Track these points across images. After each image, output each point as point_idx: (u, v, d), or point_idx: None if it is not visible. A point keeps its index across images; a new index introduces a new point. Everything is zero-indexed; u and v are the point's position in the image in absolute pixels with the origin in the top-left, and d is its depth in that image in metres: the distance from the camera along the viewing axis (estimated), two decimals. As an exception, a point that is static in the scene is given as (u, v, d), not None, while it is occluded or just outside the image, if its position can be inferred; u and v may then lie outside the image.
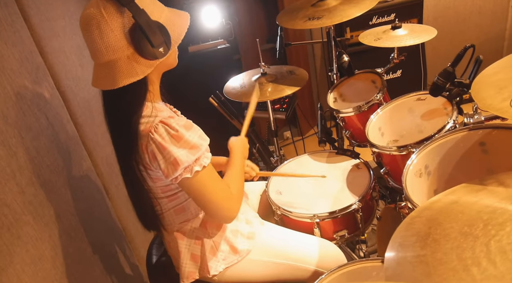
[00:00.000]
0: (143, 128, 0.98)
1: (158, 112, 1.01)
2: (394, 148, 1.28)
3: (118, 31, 0.91)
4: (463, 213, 0.71)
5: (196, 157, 0.98)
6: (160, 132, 0.96)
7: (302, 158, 1.70)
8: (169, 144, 0.96)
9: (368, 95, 1.58)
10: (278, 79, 1.75)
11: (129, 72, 0.94)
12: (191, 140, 0.98)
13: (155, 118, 0.98)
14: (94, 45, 0.92)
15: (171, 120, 0.98)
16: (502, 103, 0.81)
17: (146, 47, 0.92)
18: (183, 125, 0.99)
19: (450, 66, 1.22)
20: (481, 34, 3.29)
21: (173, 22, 0.99)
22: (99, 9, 0.90)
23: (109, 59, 0.93)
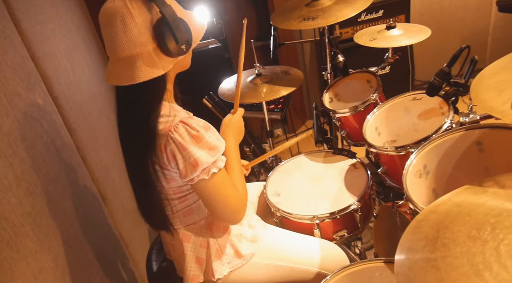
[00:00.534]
0: (162, 127, 0.98)
1: (176, 112, 1.01)
2: (392, 149, 1.29)
3: (143, 25, 0.91)
4: (470, 216, 0.72)
5: (214, 159, 0.99)
6: (181, 132, 0.96)
7: (299, 158, 1.70)
8: (190, 144, 0.96)
9: (364, 95, 1.59)
10: (273, 80, 1.75)
11: (150, 67, 0.93)
12: (211, 141, 0.99)
13: (174, 118, 0.98)
14: (116, 39, 0.91)
15: (191, 120, 0.98)
16: (503, 106, 0.82)
17: (170, 42, 0.92)
18: (203, 126, 0.99)
19: (446, 66, 1.24)
20: (465, 29, 3.36)
21: (192, 22, 0.99)
22: (125, 2, 0.90)
23: (130, 54, 0.92)
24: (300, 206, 1.41)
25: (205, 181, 0.99)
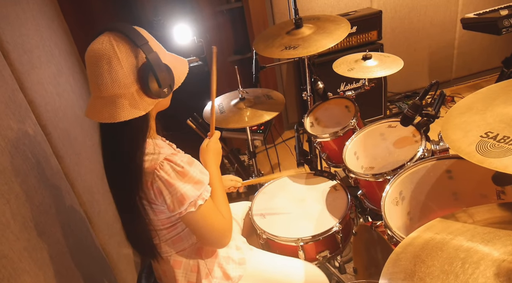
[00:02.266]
0: (148, 166, 1.02)
1: (160, 149, 1.06)
2: (371, 175, 1.39)
3: (129, 68, 0.96)
4: (442, 250, 0.82)
5: (200, 192, 1.04)
6: (166, 169, 1.01)
7: (282, 179, 1.78)
8: (175, 180, 1.01)
9: (343, 120, 1.69)
10: (256, 104, 1.81)
11: (132, 107, 0.98)
12: (195, 175, 1.04)
13: (159, 155, 1.03)
14: (101, 79, 0.95)
15: (175, 157, 1.03)
16: (469, 148, 0.93)
17: (153, 85, 0.98)
18: (187, 162, 1.04)
19: (418, 99, 1.35)
20: (433, 43, 3.55)
21: (174, 66, 1.04)
22: (112, 45, 0.95)
23: (114, 94, 0.96)
24: (285, 228, 1.48)
25: (192, 213, 1.04)
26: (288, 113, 3.59)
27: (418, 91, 3.74)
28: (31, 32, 1.55)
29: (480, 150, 0.90)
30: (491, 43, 3.67)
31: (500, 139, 0.90)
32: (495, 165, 0.84)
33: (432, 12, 3.43)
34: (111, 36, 0.96)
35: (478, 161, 0.88)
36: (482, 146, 0.91)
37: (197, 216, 1.06)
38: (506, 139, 0.89)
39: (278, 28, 1.87)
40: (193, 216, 1.05)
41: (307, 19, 1.81)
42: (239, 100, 1.83)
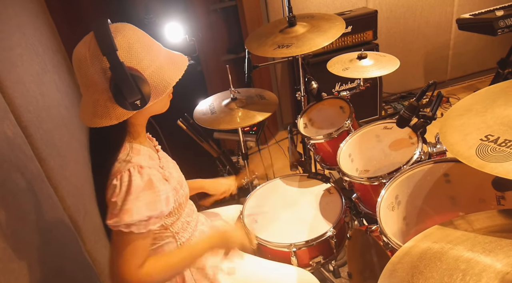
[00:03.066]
0: (115, 170, 0.98)
1: (135, 156, 1.01)
2: (366, 179, 1.34)
3: (99, 74, 0.93)
4: (441, 261, 0.77)
5: (143, 218, 0.96)
6: (124, 180, 0.96)
7: (274, 182, 1.73)
8: (124, 195, 0.95)
9: (337, 121, 1.64)
10: (248, 104, 1.76)
11: (104, 115, 0.95)
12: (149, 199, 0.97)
13: (127, 164, 0.98)
14: (80, 80, 0.96)
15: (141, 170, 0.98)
16: (469, 151, 0.88)
17: (120, 99, 0.93)
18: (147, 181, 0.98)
19: (415, 100, 1.30)
20: (428, 43, 3.52)
21: (163, 71, 0.98)
22: (86, 48, 0.93)
23: (92, 97, 0.95)
24: (277, 233, 1.43)
25: (121, 232, 0.96)
26: (282, 113, 3.54)
27: (413, 92, 3.71)
28: (11, 29, 1.48)
29: (480, 154, 0.86)
30: (486, 44, 3.65)
31: (501, 143, 0.85)
32: (496, 171, 0.80)
33: (427, 12, 3.40)
34: (92, 37, 0.93)
35: (478, 166, 0.83)
36: (482, 150, 0.86)
37: (121, 239, 0.96)
38: (507, 143, 0.84)
39: (271, 26, 1.81)
40: (118, 236, 0.96)
41: (301, 17, 1.76)
42: (230, 100, 1.78)
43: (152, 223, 0.99)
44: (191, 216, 1.23)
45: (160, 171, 1.04)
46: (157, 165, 1.07)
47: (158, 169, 1.04)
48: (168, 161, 1.19)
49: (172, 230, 1.13)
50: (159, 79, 0.97)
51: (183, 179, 1.20)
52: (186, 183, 1.22)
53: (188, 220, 1.20)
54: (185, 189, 1.17)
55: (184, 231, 1.17)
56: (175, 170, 1.19)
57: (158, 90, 0.97)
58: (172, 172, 1.14)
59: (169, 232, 1.12)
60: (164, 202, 1.01)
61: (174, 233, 1.13)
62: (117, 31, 0.94)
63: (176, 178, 1.14)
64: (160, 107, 1.07)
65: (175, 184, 1.11)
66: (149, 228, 0.98)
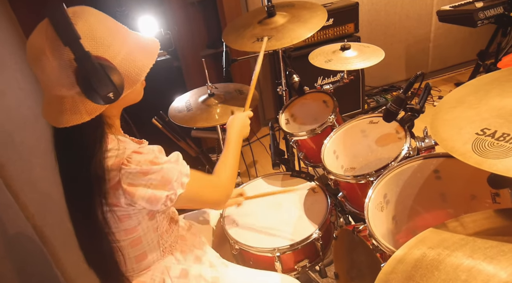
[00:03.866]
0: (112, 162, 0.87)
1: (125, 144, 0.92)
2: (351, 177, 1.26)
3: (63, 68, 0.80)
4: (439, 270, 0.70)
5: (179, 168, 0.95)
6: (137, 160, 0.87)
7: (256, 182, 1.64)
8: (150, 166, 0.89)
9: (321, 116, 1.56)
10: (227, 100, 1.66)
11: (73, 112, 0.84)
12: (170, 158, 0.95)
13: (125, 150, 0.89)
14: (39, 76, 0.83)
15: (143, 149, 0.91)
16: (464, 147, 0.81)
17: (91, 93, 0.82)
18: (158, 150, 0.93)
19: (402, 93, 1.23)
20: (409, 36, 3.51)
21: (133, 58, 0.87)
22: (43, 39, 0.80)
23: (55, 94, 0.84)
24: (260, 237, 1.35)
25: (182, 195, 0.95)
26: (264, 109, 3.46)
27: (395, 85, 3.69)
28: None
29: (477, 149, 0.79)
30: (466, 36, 3.66)
31: (499, 137, 0.78)
32: (496, 168, 0.73)
33: (408, 4, 3.38)
34: (48, 25, 0.80)
35: (476, 163, 0.76)
36: (479, 145, 0.79)
37: (188, 194, 0.97)
38: (506, 137, 0.77)
39: (249, 16, 1.72)
40: (185, 196, 0.96)
41: (281, 6, 1.67)
42: (208, 96, 1.68)
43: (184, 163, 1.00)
44: (175, 223, 1.14)
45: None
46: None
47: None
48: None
49: (159, 231, 1.03)
50: (131, 66, 0.87)
51: None
52: None
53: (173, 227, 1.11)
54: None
55: (169, 234, 1.08)
56: None
57: (131, 79, 0.87)
58: None
59: (156, 234, 1.03)
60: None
61: (159, 237, 1.04)
62: (77, 16, 0.82)
63: None
64: (134, 96, 0.97)
65: None
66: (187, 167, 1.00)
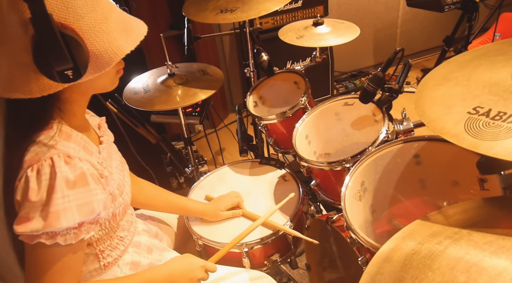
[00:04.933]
0: (29, 158, 0.72)
1: (62, 141, 0.75)
2: (326, 164, 1.15)
3: (16, 27, 0.66)
4: (433, 270, 0.60)
5: (75, 223, 0.72)
6: (44, 172, 0.71)
7: (222, 170, 1.51)
8: (55, 189, 0.70)
9: (291, 98, 1.44)
10: (189, 81, 1.51)
11: (21, 85, 0.70)
12: (82, 198, 0.73)
13: (49, 150, 0.72)
14: None
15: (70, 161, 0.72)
16: (456, 128, 0.71)
17: (43, 65, 0.67)
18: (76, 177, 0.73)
19: (380, 71, 1.13)
20: (377, 21, 3.47)
21: (110, 39, 0.73)
22: None
23: (6, 59, 0.70)
24: (226, 231, 1.22)
25: (40, 246, 0.71)
26: (232, 94, 3.30)
27: (363, 71, 3.66)
28: None
29: (470, 130, 0.69)
30: (432, 22, 3.67)
31: (495, 116, 0.69)
32: (494, 151, 0.63)
33: (377, -12, 3.32)
34: None
35: (471, 146, 0.67)
36: (473, 125, 0.70)
37: (41, 255, 0.73)
38: (502, 116, 0.68)
39: (212, -11, 1.55)
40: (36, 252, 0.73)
41: (247, -23, 1.51)
42: (167, 76, 1.51)
43: (84, 231, 0.76)
44: (128, 230, 0.98)
45: (96, 167, 0.79)
46: (94, 159, 0.81)
47: (94, 164, 0.79)
48: (111, 158, 0.93)
49: (96, 247, 0.87)
50: (103, 47, 0.72)
51: (125, 185, 0.94)
52: (129, 191, 0.96)
53: (122, 235, 0.95)
54: (125, 197, 0.91)
55: (113, 249, 0.92)
56: (118, 171, 0.93)
57: (100, 61, 0.72)
58: (113, 172, 0.88)
59: (91, 249, 0.87)
60: (101, 204, 0.77)
61: (98, 252, 0.88)
62: None
63: (116, 181, 0.88)
64: (104, 83, 0.82)
65: (113, 188, 0.85)
66: (80, 238, 0.75)
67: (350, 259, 1.50)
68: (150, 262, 1.01)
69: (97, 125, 0.96)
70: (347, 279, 1.52)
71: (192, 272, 0.96)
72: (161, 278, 0.92)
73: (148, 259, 1.01)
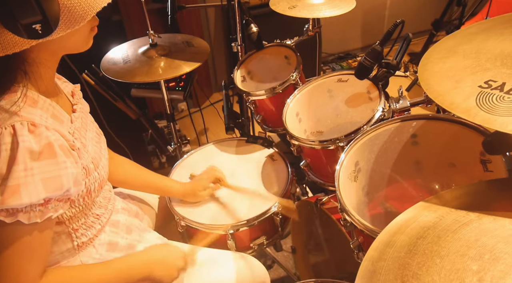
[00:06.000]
0: None
1: (27, 108, 0.66)
2: (317, 142, 1.09)
3: None
4: (441, 257, 0.54)
5: (48, 196, 0.65)
6: (3, 142, 0.62)
7: (207, 148, 1.43)
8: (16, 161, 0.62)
9: (281, 74, 1.36)
10: (173, 53, 1.41)
11: None
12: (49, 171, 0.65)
13: (11, 117, 0.63)
14: None
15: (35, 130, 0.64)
16: (466, 103, 0.65)
17: (7, 18, 0.58)
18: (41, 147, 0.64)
19: (379, 44, 1.05)
20: (366, 2, 3.39)
21: None
22: None
23: None
24: (211, 212, 1.15)
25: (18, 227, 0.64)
26: (216, 72, 3.19)
27: (351, 53, 3.60)
28: None
29: (483, 105, 0.63)
30: (420, 5, 3.62)
31: (510, 90, 0.63)
32: (511, 127, 0.57)
33: (367, -33, 3.23)
34: None
35: (484, 121, 0.61)
36: (485, 100, 0.64)
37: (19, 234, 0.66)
38: (517, 90, 0.62)
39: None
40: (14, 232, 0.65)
41: None
42: (149, 47, 1.41)
43: (52, 209, 0.67)
44: (105, 208, 0.90)
45: (67, 138, 0.70)
46: (64, 129, 0.72)
47: (64, 134, 0.70)
48: (86, 128, 0.83)
49: (69, 225, 0.79)
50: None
51: (102, 158, 0.85)
52: (106, 165, 0.87)
53: (99, 213, 0.87)
54: (101, 172, 0.82)
55: (88, 228, 0.84)
56: (93, 143, 0.84)
57: (73, 15, 0.64)
58: (88, 144, 0.79)
59: (63, 228, 0.78)
60: (71, 178, 0.68)
61: (71, 230, 0.80)
62: None
63: (91, 154, 0.79)
64: (77, 42, 0.73)
65: (87, 162, 0.76)
66: (47, 216, 0.67)
67: (336, 242, 1.46)
68: (129, 243, 0.93)
69: (71, 92, 0.86)
70: (332, 262, 1.49)
71: (172, 261, 0.89)
72: (137, 267, 0.85)
73: (127, 239, 0.93)
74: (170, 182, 1.17)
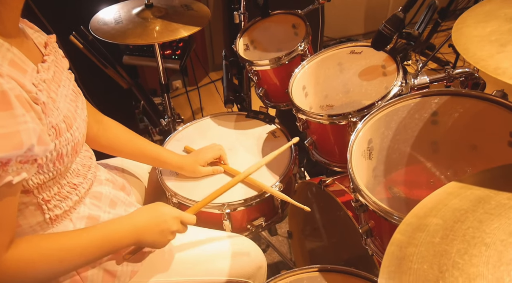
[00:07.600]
0: None
1: None
2: (326, 117, 0.99)
3: None
4: (487, 245, 0.45)
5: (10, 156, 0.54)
6: None
7: (203, 121, 1.33)
8: None
9: (288, 44, 1.26)
10: (170, 15, 1.29)
11: None
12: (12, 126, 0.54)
13: None
14: None
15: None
16: (515, 68, 0.56)
17: None
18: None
19: (401, 11, 0.95)
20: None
21: None
22: None
23: None
24: (205, 189, 1.06)
25: None
26: (214, 51, 3.05)
27: (352, 38, 3.49)
28: None
29: (536, 71, 0.54)
30: (426, -7, 3.49)
31: None
32: None
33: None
34: None
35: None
36: (539, 66, 0.54)
37: None
38: None
39: None
40: None
41: None
42: (144, 7, 1.29)
43: (12, 172, 0.56)
44: (84, 177, 0.78)
45: (27, 89, 0.59)
46: (26, 79, 0.60)
47: (24, 84, 0.58)
48: (59, 84, 0.71)
49: (38, 196, 0.68)
50: None
51: (77, 118, 0.73)
52: (83, 127, 0.75)
53: (76, 182, 0.75)
54: (75, 133, 0.70)
55: (63, 199, 0.72)
56: (68, 100, 0.72)
57: None
58: (60, 101, 0.68)
59: (31, 198, 0.67)
60: (33, 135, 0.57)
61: (42, 201, 0.68)
62: None
63: (63, 111, 0.68)
64: None
65: (57, 120, 0.65)
66: (6, 180, 0.55)
67: (335, 228, 1.39)
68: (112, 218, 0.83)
69: (44, 43, 0.75)
70: (329, 248, 1.42)
71: (165, 223, 0.78)
72: (124, 232, 0.73)
73: (110, 214, 0.82)
74: (165, 152, 1.06)
